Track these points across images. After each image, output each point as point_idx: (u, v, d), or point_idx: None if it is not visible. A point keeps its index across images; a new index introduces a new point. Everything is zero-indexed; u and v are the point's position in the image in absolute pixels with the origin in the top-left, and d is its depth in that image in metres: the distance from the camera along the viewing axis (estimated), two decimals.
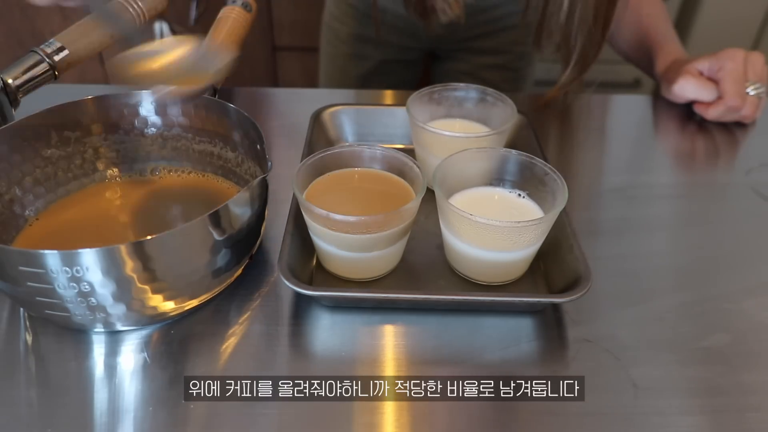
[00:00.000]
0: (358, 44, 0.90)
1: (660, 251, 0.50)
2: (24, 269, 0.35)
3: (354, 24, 0.88)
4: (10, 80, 0.46)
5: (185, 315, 0.42)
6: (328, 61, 0.95)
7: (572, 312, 0.43)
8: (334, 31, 0.91)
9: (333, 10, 0.90)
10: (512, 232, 0.40)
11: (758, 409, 0.37)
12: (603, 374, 0.39)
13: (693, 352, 0.41)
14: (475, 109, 0.56)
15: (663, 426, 0.36)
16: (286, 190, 0.54)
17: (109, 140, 0.50)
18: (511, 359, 0.40)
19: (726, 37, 1.39)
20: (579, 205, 0.54)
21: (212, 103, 0.49)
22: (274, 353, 0.40)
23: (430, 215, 0.47)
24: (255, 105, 0.70)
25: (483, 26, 0.86)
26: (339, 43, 0.91)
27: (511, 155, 0.46)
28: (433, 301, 0.42)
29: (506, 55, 0.90)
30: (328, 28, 0.93)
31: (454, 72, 0.93)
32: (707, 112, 0.66)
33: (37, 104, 0.46)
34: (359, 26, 0.88)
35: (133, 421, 0.36)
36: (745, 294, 0.46)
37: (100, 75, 1.56)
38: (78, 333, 0.41)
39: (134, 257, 0.35)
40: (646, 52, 0.74)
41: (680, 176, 0.60)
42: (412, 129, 0.53)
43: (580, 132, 0.67)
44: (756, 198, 0.56)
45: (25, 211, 0.46)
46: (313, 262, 0.47)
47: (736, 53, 0.65)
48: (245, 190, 0.39)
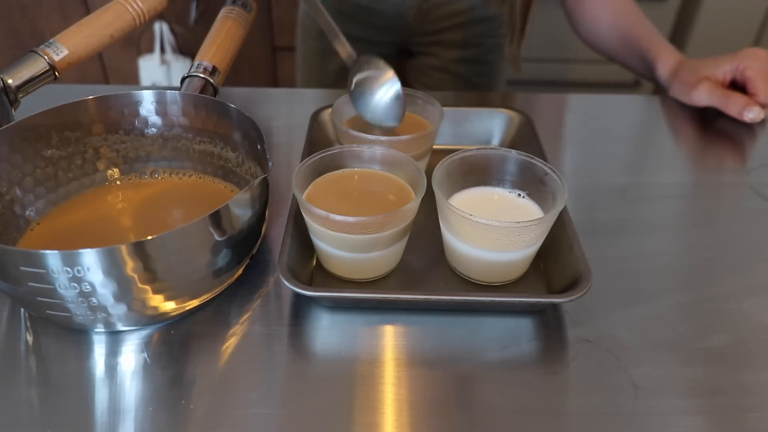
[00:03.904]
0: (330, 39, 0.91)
1: (660, 251, 0.50)
2: (25, 269, 0.35)
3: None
4: (10, 80, 0.46)
5: (186, 315, 0.42)
6: (303, 59, 0.97)
7: (572, 312, 0.43)
8: (307, 29, 0.93)
9: (305, 7, 0.92)
10: (512, 232, 0.41)
11: (758, 409, 0.37)
12: (603, 374, 0.39)
13: (693, 352, 0.41)
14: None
15: (663, 426, 0.36)
16: (286, 190, 0.55)
17: (110, 140, 0.50)
18: (511, 359, 0.40)
19: (726, 37, 1.39)
20: (579, 205, 0.54)
21: (212, 103, 0.49)
22: (274, 353, 0.40)
23: (430, 215, 0.47)
24: (255, 105, 0.70)
25: (451, 18, 0.88)
26: (311, 40, 0.93)
27: (511, 155, 0.46)
28: (433, 302, 0.42)
29: (477, 49, 0.91)
30: (301, 26, 0.95)
31: (425, 68, 0.94)
32: (743, 115, 0.65)
33: (37, 104, 0.46)
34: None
35: (133, 421, 0.36)
36: (745, 294, 0.46)
37: (100, 75, 1.57)
38: (79, 333, 0.41)
39: (135, 257, 0.35)
40: (635, 52, 0.75)
41: (680, 176, 0.60)
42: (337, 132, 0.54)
43: (580, 132, 0.67)
44: (756, 198, 0.56)
45: (26, 212, 0.46)
46: (313, 263, 0.47)
47: (758, 52, 0.66)
48: (246, 190, 0.39)
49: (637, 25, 0.75)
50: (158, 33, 1.47)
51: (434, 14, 0.87)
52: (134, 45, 1.50)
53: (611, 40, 0.78)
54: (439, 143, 0.57)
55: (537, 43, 1.37)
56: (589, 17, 0.79)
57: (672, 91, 0.71)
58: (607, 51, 0.80)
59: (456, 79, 0.93)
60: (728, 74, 0.68)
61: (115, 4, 0.52)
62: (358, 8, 0.87)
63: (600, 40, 0.80)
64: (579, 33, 0.82)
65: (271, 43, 1.49)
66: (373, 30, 0.89)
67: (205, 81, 0.52)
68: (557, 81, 1.53)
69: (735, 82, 0.69)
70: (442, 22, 0.88)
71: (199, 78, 0.52)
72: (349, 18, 0.88)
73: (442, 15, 0.87)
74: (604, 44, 0.80)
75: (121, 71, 1.55)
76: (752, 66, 0.65)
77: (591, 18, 0.79)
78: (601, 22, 0.78)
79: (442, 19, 0.87)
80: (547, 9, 1.14)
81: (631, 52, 0.76)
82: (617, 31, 0.77)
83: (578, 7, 0.80)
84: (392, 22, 0.88)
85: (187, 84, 0.51)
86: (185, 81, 0.52)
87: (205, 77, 0.52)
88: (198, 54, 0.54)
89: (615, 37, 0.77)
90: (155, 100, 0.49)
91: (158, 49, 1.48)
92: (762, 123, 0.67)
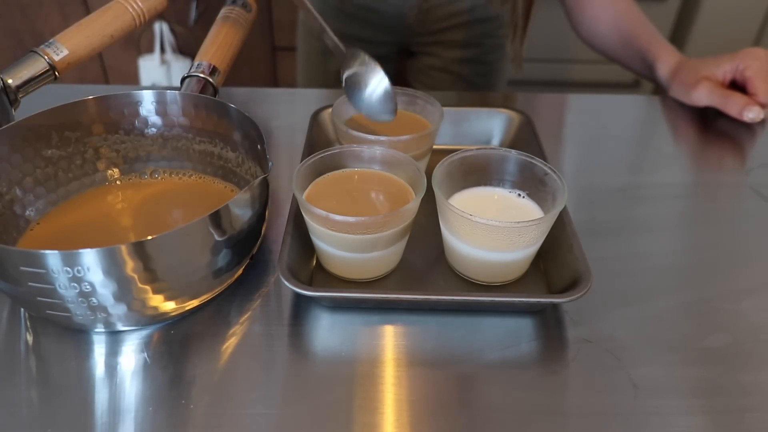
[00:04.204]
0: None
1: (660, 251, 0.50)
2: (25, 269, 0.35)
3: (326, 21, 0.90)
4: (10, 80, 0.46)
5: (186, 315, 0.42)
6: (304, 59, 0.97)
7: (572, 312, 0.43)
8: (308, 29, 0.93)
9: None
10: (512, 232, 0.41)
11: (758, 409, 0.37)
12: (603, 374, 0.39)
13: (693, 352, 0.41)
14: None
15: (663, 426, 0.36)
16: (286, 190, 0.55)
17: (110, 140, 0.50)
18: (511, 359, 0.40)
19: (726, 37, 1.39)
20: (579, 205, 0.54)
21: (212, 103, 0.49)
22: (274, 353, 0.40)
23: (430, 215, 0.47)
24: (255, 105, 0.70)
25: (451, 18, 0.88)
26: (313, 40, 0.93)
27: (511, 155, 0.46)
28: (433, 302, 0.42)
29: (477, 49, 0.91)
30: (303, 26, 0.95)
31: (426, 68, 0.94)
32: (743, 114, 0.65)
33: (37, 104, 0.46)
34: (331, 23, 0.90)
35: (133, 421, 0.36)
36: (745, 294, 0.46)
37: (100, 75, 1.56)
38: (78, 333, 0.41)
39: (135, 257, 0.35)
40: (635, 52, 0.75)
41: (680, 176, 0.60)
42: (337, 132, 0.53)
43: (580, 132, 0.67)
44: (756, 198, 0.56)
45: (26, 212, 0.46)
46: (313, 263, 0.47)
47: (758, 52, 0.66)
48: (246, 190, 0.39)
49: (636, 25, 0.76)
50: (158, 33, 1.47)
51: (435, 14, 0.87)
52: (134, 45, 1.50)
53: (611, 40, 0.78)
54: (439, 143, 0.57)
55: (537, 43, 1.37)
56: (588, 18, 0.79)
57: (672, 91, 0.71)
58: (607, 51, 0.80)
59: (457, 79, 0.93)
60: (728, 74, 0.68)
61: (115, 4, 0.52)
62: (360, 8, 0.87)
63: (600, 41, 0.80)
64: (579, 33, 0.82)
65: (271, 43, 1.49)
66: (374, 30, 0.89)
67: (205, 81, 0.52)
68: (557, 81, 1.52)
69: (735, 82, 0.69)
70: (442, 22, 0.88)
71: (199, 78, 0.52)
72: (351, 18, 0.88)
73: (442, 15, 0.87)
74: (604, 44, 0.80)
75: (121, 71, 1.55)
76: (752, 66, 0.65)
77: (591, 18, 0.79)
78: (601, 22, 0.78)
79: (442, 19, 0.88)
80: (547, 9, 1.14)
81: (631, 53, 0.76)
82: (617, 32, 0.77)
83: (578, 7, 0.80)
84: (393, 22, 0.88)
85: (187, 84, 0.51)
86: (185, 81, 0.52)
87: (205, 77, 0.52)
88: (198, 54, 0.54)
89: (615, 37, 0.77)
90: (155, 100, 0.49)
91: (158, 49, 1.48)
92: (762, 123, 0.67)
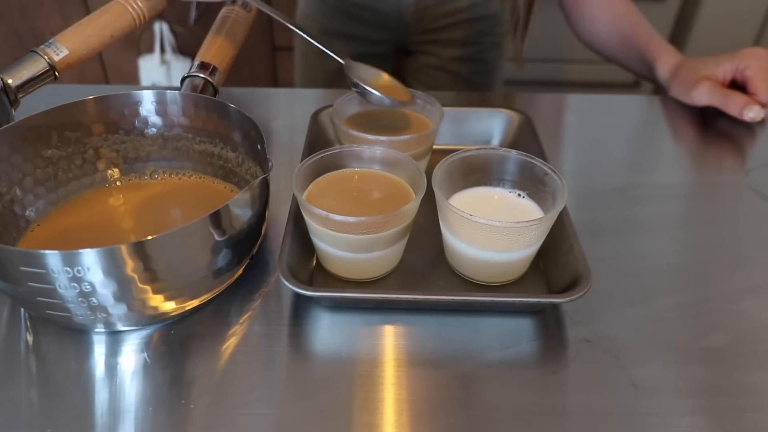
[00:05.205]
0: (327, 39, 0.91)
1: (660, 251, 0.50)
2: (25, 269, 0.35)
3: (324, 20, 0.91)
4: (10, 80, 0.46)
5: (186, 315, 0.42)
6: (301, 59, 0.97)
7: (572, 312, 0.43)
8: (306, 29, 0.93)
9: (303, 8, 0.92)
10: (512, 232, 0.41)
11: (758, 409, 0.37)
12: (603, 374, 0.39)
13: (693, 352, 0.41)
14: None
15: (663, 426, 0.36)
16: (286, 190, 0.55)
17: (110, 140, 0.50)
18: (511, 359, 0.40)
19: (726, 37, 1.39)
20: (579, 205, 0.54)
21: (212, 103, 0.49)
22: (274, 353, 0.40)
23: (430, 215, 0.47)
24: (255, 105, 0.70)
25: (449, 16, 0.88)
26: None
27: (511, 155, 0.46)
28: (433, 301, 0.42)
29: (475, 47, 0.91)
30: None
31: (424, 66, 0.94)
32: (743, 114, 0.65)
33: (37, 104, 0.46)
34: (328, 21, 0.91)
35: (133, 421, 0.36)
36: (745, 294, 0.46)
37: (100, 75, 1.57)
38: (79, 333, 0.41)
39: (135, 257, 0.35)
40: (635, 53, 0.75)
41: (680, 176, 0.60)
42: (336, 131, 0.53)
43: (580, 132, 0.67)
44: (756, 198, 0.56)
45: (26, 212, 0.46)
46: (313, 263, 0.47)
47: (758, 51, 0.66)
48: (246, 190, 0.39)
49: (635, 26, 0.76)
50: (158, 33, 1.47)
51: (432, 12, 0.87)
52: (134, 45, 1.50)
53: (610, 41, 0.78)
54: (439, 143, 0.57)
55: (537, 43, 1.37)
56: (588, 19, 0.79)
57: (672, 91, 0.71)
58: (607, 52, 0.80)
59: (454, 77, 0.93)
60: (728, 74, 0.68)
61: (115, 4, 0.52)
62: (357, 6, 0.87)
63: (599, 42, 0.80)
64: (578, 35, 0.82)
65: (271, 43, 1.49)
66: (371, 28, 0.89)
67: (205, 81, 0.52)
68: (557, 81, 1.53)
69: (735, 82, 0.69)
70: (440, 21, 0.88)
71: (199, 78, 0.52)
72: (348, 16, 0.88)
73: (440, 13, 0.87)
74: (603, 46, 0.80)
75: (121, 71, 1.55)
76: (752, 65, 0.65)
77: (590, 20, 0.79)
78: (600, 23, 0.78)
79: (440, 17, 0.88)
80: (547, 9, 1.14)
81: (630, 53, 0.76)
82: (616, 33, 0.77)
83: (577, 9, 0.80)
84: (391, 21, 0.88)
85: (187, 84, 0.51)
86: (185, 81, 0.52)
87: (205, 77, 0.52)
88: (198, 54, 0.54)
89: (614, 38, 0.77)
90: (155, 100, 0.49)
91: (158, 49, 1.48)
92: (762, 123, 0.67)
